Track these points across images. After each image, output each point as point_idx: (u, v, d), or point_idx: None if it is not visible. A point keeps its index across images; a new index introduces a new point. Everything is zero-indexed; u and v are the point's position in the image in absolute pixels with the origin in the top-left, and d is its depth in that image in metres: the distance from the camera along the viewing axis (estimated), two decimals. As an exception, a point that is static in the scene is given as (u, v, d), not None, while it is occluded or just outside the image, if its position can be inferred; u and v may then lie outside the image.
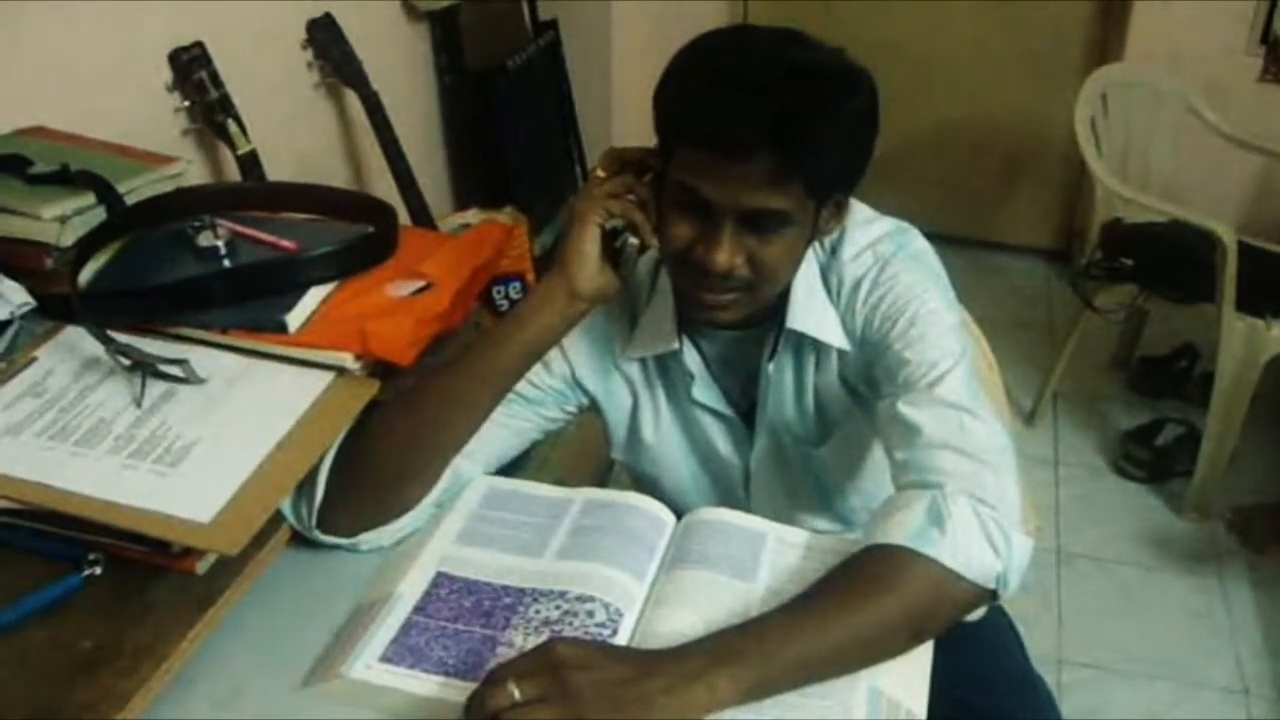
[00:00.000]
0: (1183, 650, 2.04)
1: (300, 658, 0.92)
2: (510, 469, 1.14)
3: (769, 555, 0.97)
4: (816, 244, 1.04)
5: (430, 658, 0.88)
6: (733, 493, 1.20)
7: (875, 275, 1.03)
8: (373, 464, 1.00)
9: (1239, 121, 2.56)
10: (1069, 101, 2.44)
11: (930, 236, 1.09)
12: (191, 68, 1.62)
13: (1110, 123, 2.49)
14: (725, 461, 1.18)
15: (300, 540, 1.01)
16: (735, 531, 1.00)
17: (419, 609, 0.93)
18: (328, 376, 1.03)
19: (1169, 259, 2.35)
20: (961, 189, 3.26)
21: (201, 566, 0.90)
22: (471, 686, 0.81)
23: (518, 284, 2.04)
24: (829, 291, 1.05)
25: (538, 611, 0.92)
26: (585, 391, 1.14)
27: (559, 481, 1.55)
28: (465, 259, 1.17)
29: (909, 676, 0.87)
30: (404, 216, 2.05)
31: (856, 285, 1.03)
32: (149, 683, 0.82)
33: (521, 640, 0.89)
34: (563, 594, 0.93)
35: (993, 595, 0.89)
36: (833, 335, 1.05)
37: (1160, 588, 2.19)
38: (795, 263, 1.00)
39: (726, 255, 0.93)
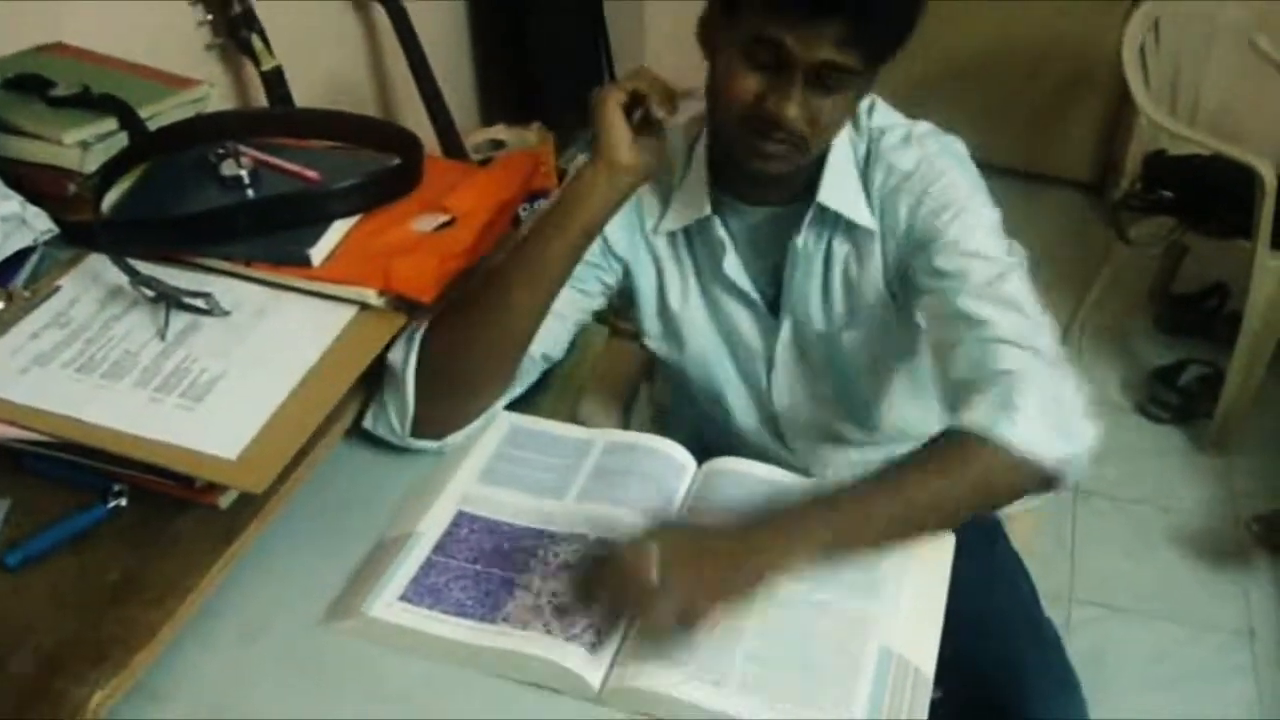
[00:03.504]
0: (1192, 592, 2.06)
1: (325, 591, 0.94)
2: (536, 391, 1.15)
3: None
4: (853, 128, 1.09)
5: (449, 598, 0.90)
6: (755, 382, 1.23)
7: (923, 168, 1.06)
8: (454, 367, 1.03)
9: (1291, 55, 2.48)
10: (1117, 28, 2.36)
11: None
12: (215, -19, 1.59)
13: (1161, 52, 2.42)
14: (749, 348, 1.20)
15: (322, 473, 1.02)
16: (756, 482, 1.01)
17: (439, 548, 0.95)
18: (352, 310, 1.03)
19: (1209, 193, 2.31)
20: (1002, 117, 3.17)
21: (225, 500, 0.91)
22: (487, 628, 0.83)
23: (545, 202, 2.02)
24: (864, 176, 1.09)
25: (556, 555, 0.93)
26: (618, 259, 1.16)
27: (582, 409, 1.57)
28: (491, 193, 1.15)
29: (920, 636, 0.88)
30: (430, 132, 2.03)
31: (905, 175, 1.06)
32: (175, 615, 0.83)
33: (539, 583, 0.90)
34: (582, 538, 0.94)
35: (1057, 480, 0.93)
36: (862, 215, 1.08)
37: (1175, 529, 2.19)
38: (842, 122, 1.04)
39: (796, 107, 0.96)
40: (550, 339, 1.12)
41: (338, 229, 1.07)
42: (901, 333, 1.15)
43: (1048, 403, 0.92)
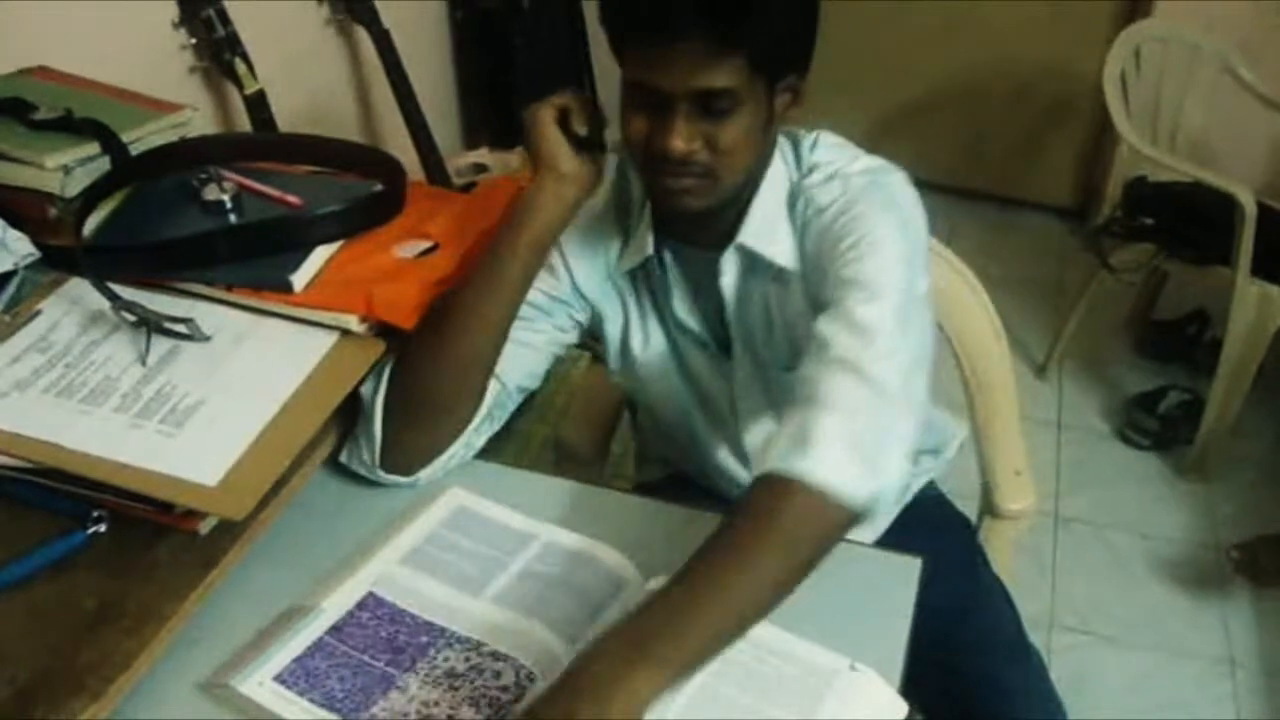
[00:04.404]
0: (1173, 619, 2.06)
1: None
2: (515, 414, 1.14)
3: None
4: (788, 165, 1.06)
5: (321, 687, 0.87)
6: (722, 419, 1.21)
7: (838, 204, 1.02)
8: (419, 393, 1.03)
9: (1269, 82, 2.51)
10: (1098, 56, 2.39)
11: (948, 190, 1.09)
12: (199, 4, 1.59)
13: (1142, 79, 2.44)
14: (710, 387, 1.19)
15: (300, 500, 1.01)
16: None
17: (336, 628, 0.92)
18: (333, 336, 1.03)
19: (1189, 219, 2.33)
20: (983, 142, 3.21)
21: (204, 527, 0.91)
22: None
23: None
24: (792, 214, 1.06)
25: (446, 659, 0.89)
26: (585, 298, 1.15)
27: (563, 433, 1.56)
28: (473, 220, 1.15)
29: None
30: (413, 156, 2.03)
31: (819, 210, 1.03)
32: (152, 643, 0.83)
33: (416, 688, 0.87)
34: (478, 646, 0.90)
35: (864, 517, 0.87)
36: (782, 255, 1.05)
37: (1155, 556, 2.19)
38: (753, 147, 0.99)
39: (681, 139, 0.94)
40: (524, 370, 1.11)
41: (320, 255, 1.07)
42: None
43: (857, 433, 0.87)
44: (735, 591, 0.81)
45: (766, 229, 1.05)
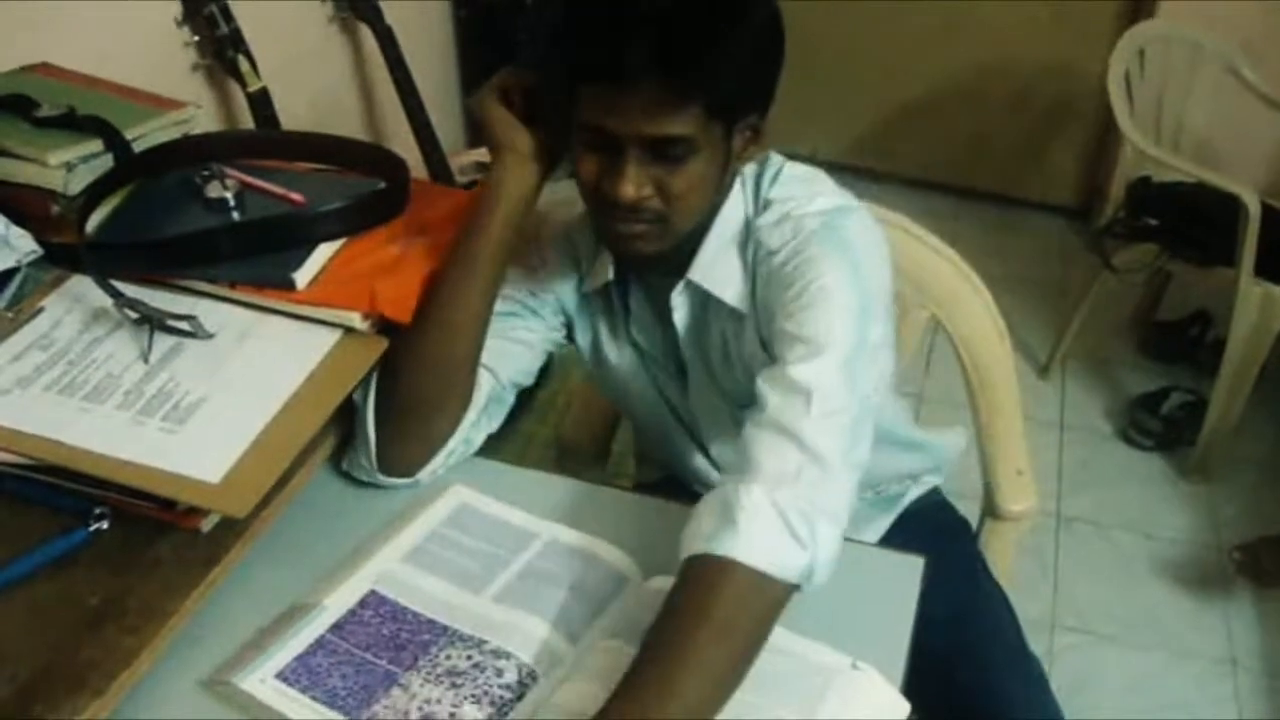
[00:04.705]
0: (1175, 620, 2.06)
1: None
2: (516, 413, 1.14)
3: None
4: (746, 199, 1.03)
5: (324, 684, 0.87)
6: (696, 428, 1.20)
7: (791, 246, 0.98)
8: (407, 393, 1.02)
9: (1273, 82, 2.51)
10: (1101, 56, 2.38)
11: (951, 190, 1.08)
12: (202, 1, 1.59)
13: (1145, 80, 2.44)
14: (678, 403, 1.19)
15: (302, 498, 1.01)
16: None
17: (337, 626, 0.92)
18: (336, 333, 1.03)
19: (1193, 220, 2.32)
20: (986, 142, 3.20)
21: (206, 524, 0.91)
22: None
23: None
24: (744, 254, 1.03)
25: (448, 657, 0.89)
26: (562, 307, 1.15)
27: (565, 432, 1.56)
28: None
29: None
30: (416, 154, 2.03)
31: (770, 253, 1.00)
32: (154, 641, 0.83)
33: (419, 686, 0.87)
34: (481, 643, 0.90)
35: (800, 588, 0.86)
36: (729, 293, 1.03)
37: (1157, 556, 2.19)
38: (707, 192, 0.97)
39: (632, 186, 0.91)
40: (517, 366, 1.11)
41: (323, 252, 1.06)
42: None
43: (786, 504, 0.84)
44: (687, 693, 0.79)
45: (717, 267, 1.03)
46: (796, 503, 0.85)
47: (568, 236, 1.12)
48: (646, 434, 1.27)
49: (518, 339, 1.11)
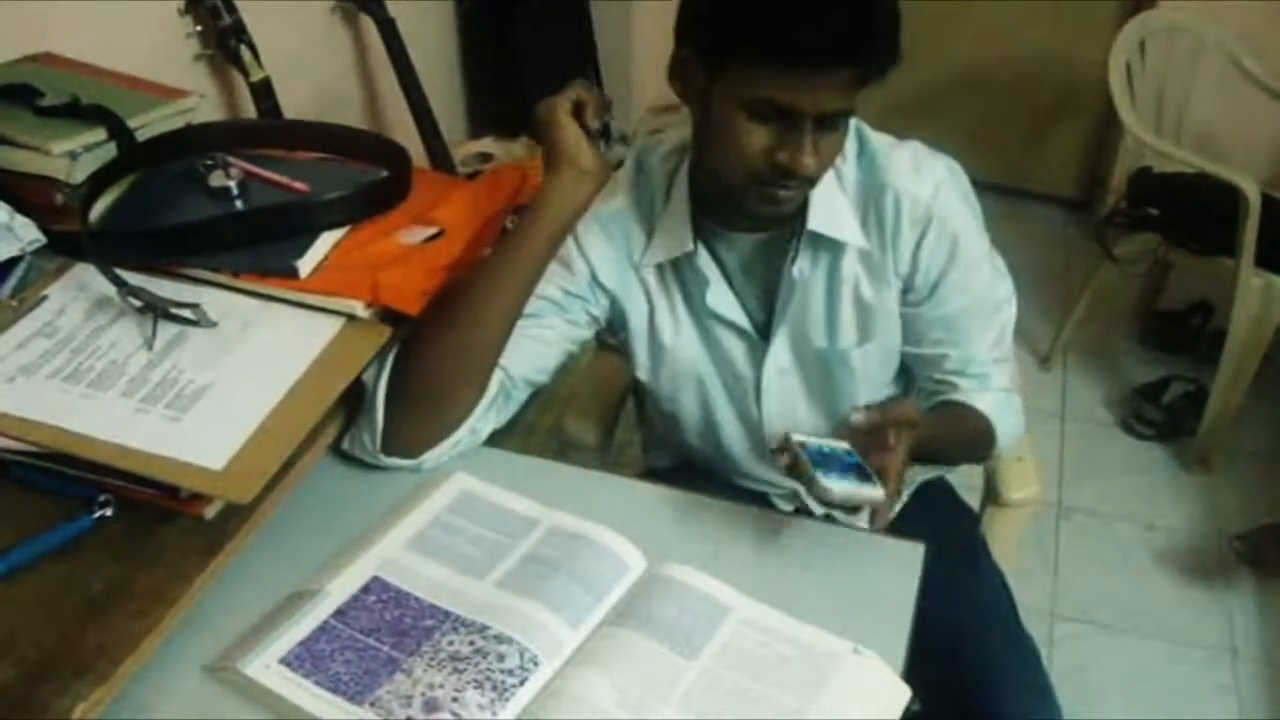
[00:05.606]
0: (1175, 609, 2.06)
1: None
2: (529, 400, 1.15)
3: (725, 634, 0.91)
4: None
5: (327, 670, 0.87)
6: (746, 408, 1.22)
7: (939, 199, 1.09)
8: (424, 378, 1.04)
9: (1274, 73, 2.50)
10: (1103, 47, 2.38)
11: None
12: (204, -8, 1.59)
13: (1147, 70, 2.44)
14: (740, 374, 1.20)
15: (306, 485, 1.02)
16: (698, 599, 0.93)
17: (341, 612, 0.92)
18: (339, 322, 1.03)
19: (1194, 210, 2.32)
20: (987, 133, 3.20)
21: (210, 511, 0.91)
22: (351, 710, 0.83)
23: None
24: (865, 199, 1.10)
25: (450, 643, 0.89)
26: (606, 291, 1.16)
27: (566, 423, 1.56)
28: (479, 206, 1.16)
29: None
30: (418, 145, 2.03)
31: (915, 201, 1.08)
32: (159, 626, 0.83)
33: (422, 671, 0.87)
34: (484, 629, 0.90)
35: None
36: (851, 234, 1.10)
37: (1158, 546, 2.20)
38: (840, 151, 1.05)
39: (813, 159, 0.97)
40: (535, 363, 1.12)
41: (325, 241, 1.07)
42: (905, 341, 1.18)
43: (1016, 401, 1.19)
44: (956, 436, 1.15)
45: (831, 213, 1.09)
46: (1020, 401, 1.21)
47: (611, 220, 1.13)
48: (684, 419, 1.26)
49: (536, 337, 1.12)
